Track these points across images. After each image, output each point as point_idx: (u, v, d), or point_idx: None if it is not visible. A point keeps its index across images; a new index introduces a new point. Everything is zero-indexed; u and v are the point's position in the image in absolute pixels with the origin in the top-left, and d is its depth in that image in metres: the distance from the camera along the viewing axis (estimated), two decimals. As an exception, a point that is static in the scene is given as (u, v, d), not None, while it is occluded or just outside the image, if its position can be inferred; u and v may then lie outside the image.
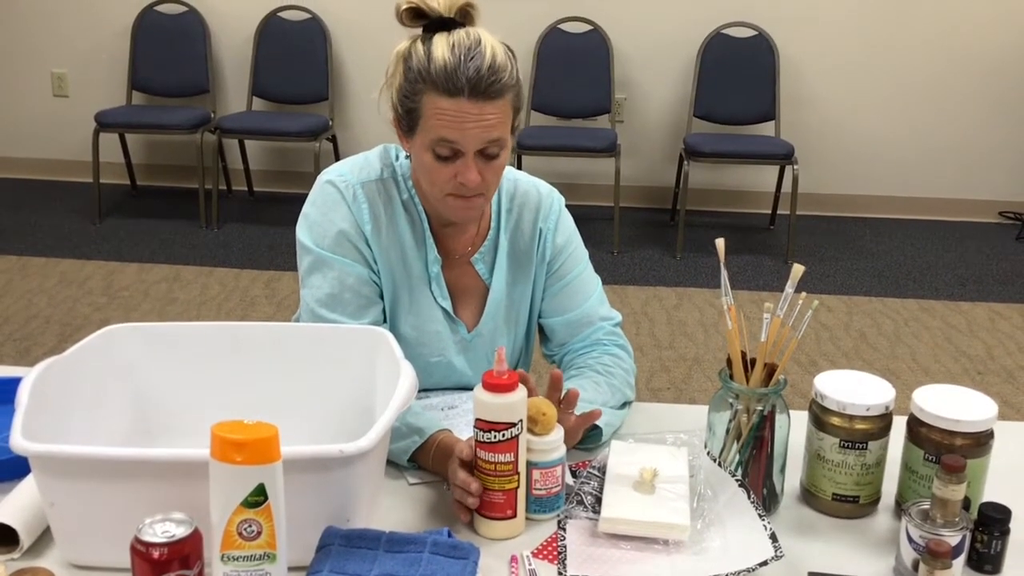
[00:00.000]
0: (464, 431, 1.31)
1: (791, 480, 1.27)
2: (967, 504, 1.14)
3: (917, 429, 1.19)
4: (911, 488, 1.20)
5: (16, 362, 3.11)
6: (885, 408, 1.19)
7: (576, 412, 1.28)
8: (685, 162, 4.44)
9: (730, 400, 1.21)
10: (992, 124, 4.85)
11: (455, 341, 1.50)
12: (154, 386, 1.30)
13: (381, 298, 1.45)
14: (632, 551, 1.13)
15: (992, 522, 1.10)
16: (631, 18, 4.76)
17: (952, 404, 1.18)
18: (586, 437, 1.34)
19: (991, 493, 1.18)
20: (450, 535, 1.09)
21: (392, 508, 1.21)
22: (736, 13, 4.67)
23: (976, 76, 4.78)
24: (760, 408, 1.19)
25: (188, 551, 0.92)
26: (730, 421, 1.22)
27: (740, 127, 4.71)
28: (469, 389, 1.50)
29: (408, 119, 1.33)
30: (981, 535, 1.10)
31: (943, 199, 4.98)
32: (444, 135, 1.28)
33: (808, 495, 1.25)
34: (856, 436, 1.19)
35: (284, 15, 4.86)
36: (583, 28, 4.72)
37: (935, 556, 1.02)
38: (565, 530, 1.17)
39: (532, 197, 1.51)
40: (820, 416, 1.22)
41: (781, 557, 1.08)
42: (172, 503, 0.95)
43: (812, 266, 4.24)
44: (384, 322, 1.45)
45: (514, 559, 1.11)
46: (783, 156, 4.36)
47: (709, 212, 4.94)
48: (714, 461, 1.22)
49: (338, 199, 1.41)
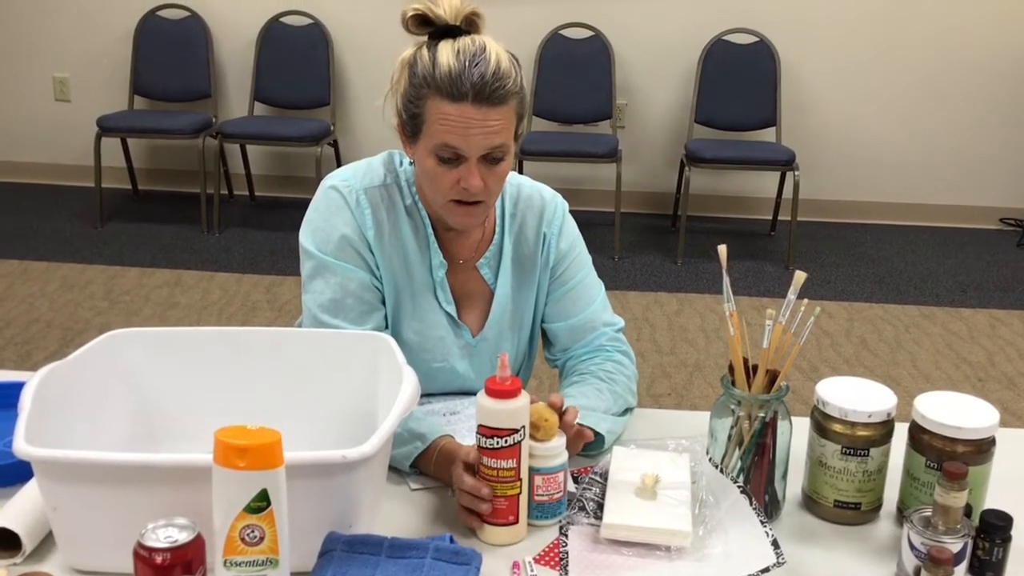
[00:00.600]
0: (466, 437, 1.31)
1: (793, 487, 1.27)
2: (969, 511, 1.14)
3: (919, 436, 1.19)
4: (913, 495, 1.20)
5: (17, 367, 3.11)
6: (887, 415, 1.19)
7: (579, 419, 1.28)
8: (686, 168, 4.44)
9: (732, 406, 1.22)
10: (993, 130, 4.85)
11: (459, 346, 1.50)
12: (156, 391, 1.30)
13: (383, 304, 1.45)
14: (634, 557, 1.13)
15: (994, 529, 1.10)
16: (632, 24, 4.76)
17: (954, 411, 1.18)
18: (588, 444, 1.34)
19: (993, 500, 1.18)
20: (452, 541, 1.10)
21: (394, 514, 1.21)
22: (737, 19, 4.68)
23: (976, 82, 4.78)
24: (762, 414, 1.20)
25: (191, 556, 0.92)
26: (732, 427, 1.22)
27: (741, 133, 4.71)
28: (472, 394, 1.50)
29: (412, 124, 1.33)
30: (983, 542, 1.10)
31: (944, 205, 4.98)
32: (447, 140, 1.29)
33: (810, 502, 1.25)
34: (858, 443, 1.19)
35: (286, 20, 4.87)
36: (584, 34, 4.73)
37: (937, 563, 1.02)
38: (567, 536, 1.17)
39: (536, 202, 1.52)
40: (822, 423, 1.22)
41: (783, 564, 1.08)
42: (175, 508, 0.95)
43: (813, 272, 4.24)
44: (386, 328, 1.45)
45: (516, 565, 1.12)
46: (784, 162, 4.36)
47: (710, 218, 4.94)
48: (716, 467, 1.22)
49: (341, 204, 1.41)
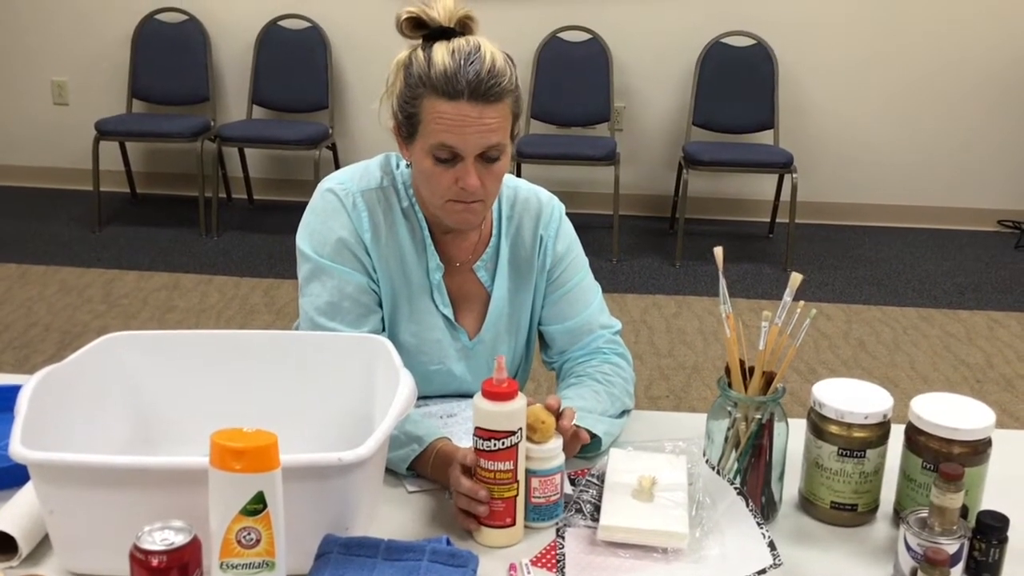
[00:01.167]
0: (463, 439, 1.31)
1: (789, 488, 1.27)
2: (965, 512, 1.14)
3: (915, 437, 1.19)
4: (909, 496, 1.20)
5: (15, 370, 3.11)
6: (883, 416, 1.20)
7: (576, 421, 1.28)
8: (684, 170, 4.44)
9: (728, 408, 1.22)
10: (990, 132, 4.86)
11: (456, 349, 1.50)
12: (153, 394, 1.30)
13: (380, 306, 1.45)
14: (631, 559, 1.13)
15: (990, 530, 1.10)
16: (630, 27, 4.77)
17: (950, 412, 1.18)
18: (585, 446, 1.34)
19: (989, 501, 1.18)
20: (449, 543, 1.10)
21: (391, 516, 1.22)
22: (735, 22, 4.69)
23: (974, 85, 4.79)
24: (758, 416, 1.20)
25: (187, 559, 0.92)
26: (728, 429, 1.22)
27: (739, 135, 4.72)
28: (469, 397, 1.50)
29: (408, 125, 1.33)
30: (979, 543, 1.10)
31: (942, 207, 4.99)
32: (444, 140, 1.29)
33: (806, 503, 1.25)
34: (854, 444, 1.19)
35: (284, 23, 4.87)
36: (582, 37, 4.73)
37: (933, 564, 1.02)
38: (564, 538, 1.17)
39: (533, 204, 1.52)
40: (818, 424, 1.22)
41: (779, 565, 1.08)
42: (171, 511, 0.95)
43: (811, 274, 4.24)
44: (383, 331, 1.45)
45: (513, 567, 1.12)
46: (782, 164, 4.37)
47: (708, 220, 4.95)
48: (713, 469, 1.22)
49: (338, 207, 1.41)
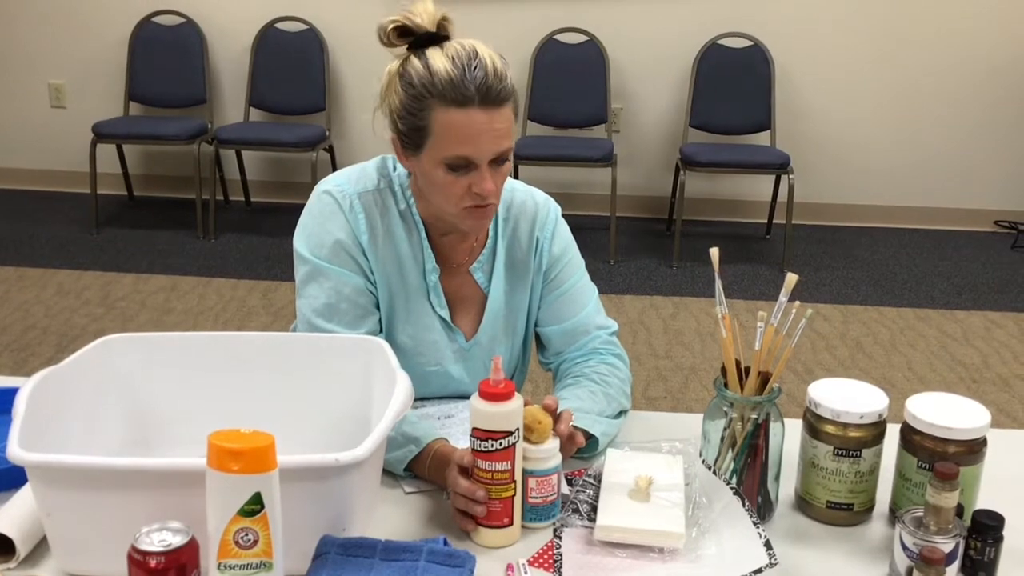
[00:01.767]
0: (460, 440, 1.31)
1: (786, 488, 1.28)
2: (960, 511, 1.15)
3: (911, 437, 1.20)
4: (905, 495, 1.21)
5: (13, 372, 3.11)
6: (879, 416, 1.20)
7: (573, 422, 1.28)
8: (681, 172, 4.45)
9: (725, 408, 1.22)
10: (987, 133, 4.86)
11: (453, 350, 1.50)
12: (151, 396, 1.31)
13: (378, 308, 1.45)
14: (628, 559, 1.13)
15: (986, 529, 1.10)
16: (627, 29, 4.78)
17: (945, 412, 1.18)
18: (582, 446, 1.35)
19: (985, 500, 1.18)
20: (446, 543, 1.10)
21: (388, 517, 1.22)
22: (731, 24, 4.70)
23: (971, 85, 4.80)
24: (755, 416, 1.20)
25: (185, 560, 0.92)
26: (725, 429, 1.22)
27: (736, 137, 4.72)
28: (466, 398, 1.50)
29: (415, 137, 1.31)
30: (975, 542, 1.11)
31: (938, 208, 5.00)
32: (460, 152, 1.28)
33: (802, 503, 1.25)
34: (850, 444, 1.20)
35: (281, 26, 4.88)
36: (579, 39, 4.74)
37: (929, 563, 1.03)
38: (561, 538, 1.17)
39: (529, 206, 1.52)
40: (814, 424, 1.22)
41: (776, 565, 1.08)
42: (169, 512, 0.95)
43: (808, 275, 4.25)
44: (380, 332, 1.45)
45: (510, 567, 1.12)
46: (779, 166, 4.37)
47: (705, 221, 4.95)
48: (709, 469, 1.22)
49: (335, 209, 1.41)
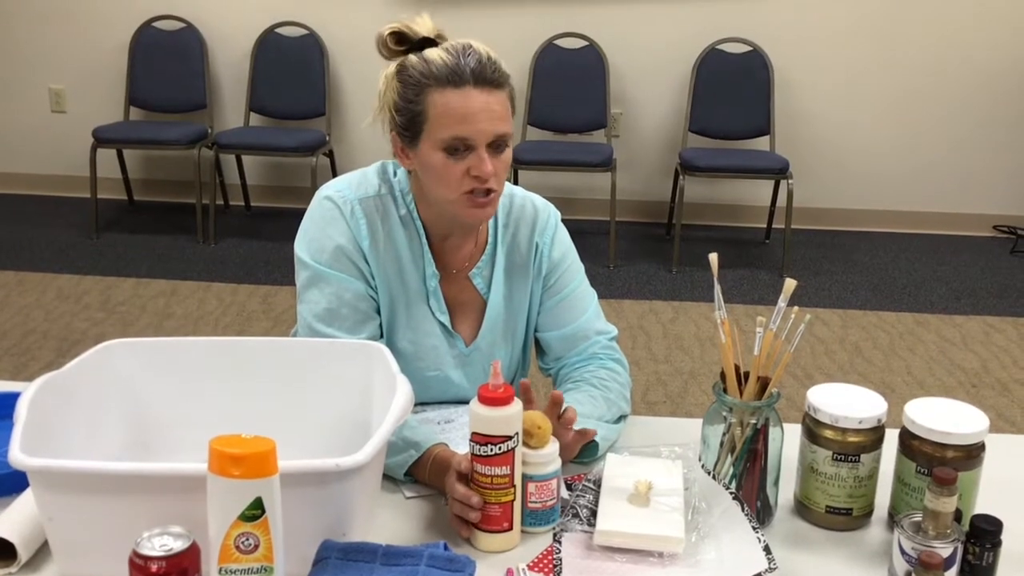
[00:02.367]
0: (460, 445, 1.32)
1: (785, 493, 1.28)
2: (959, 516, 1.15)
3: (909, 442, 1.20)
4: (903, 500, 1.21)
5: (13, 377, 3.11)
6: (877, 421, 1.20)
7: (574, 427, 1.29)
8: (681, 176, 4.46)
9: (724, 413, 1.22)
10: (986, 138, 4.87)
11: (453, 355, 1.50)
12: (152, 401, 1.31)
13: (378, 313, 1.46)
14: (627, 564, 1.13)
15: (984, 534, 1.10)
16: (627, 34, 4.78)
17: (944, 417, 1.19)
18: (582, 451, 1.35)
19: (983, 505, 1.18)
20: (446, 548, 1.10)
21: (388, 522, 1.22)
22: (731, 29, 4.70)
23: (970, 90, 4.81)
24: (754, 421, 1.20)
25: (186, 564, 0.93)
26: (724, 434, 1.23)
27: (735, 142, 4.73)
28: (466, 403, 1.50)
29: (412, 126, 1.33)
30: (973, 547, 1.11)
31: (938, 213, 5.00)
32: (456, 132, 1.30)
33: (801, 507, 1.26)
34: (849, 449, 1.20)
35: (282, 31, 4.89)
36: (579, 44, 4.75)
37: (927, 568, 1.03)
38: (560, 543, 1.17)
39: (528, 212, 1.52)
40: (813, 429, 1.22)
41: (775, 569, 1.08)
42: (170, 517, 0.95)
43: (807, 280, 4.25)
44: (381, 337, 1.46)
45: (510, 572, 1.12)
46: (778, 170, 4.38)
47: (705, 226, 4.96)
48: (708, 474, 1.23)
49: (336, 215, 1.42)
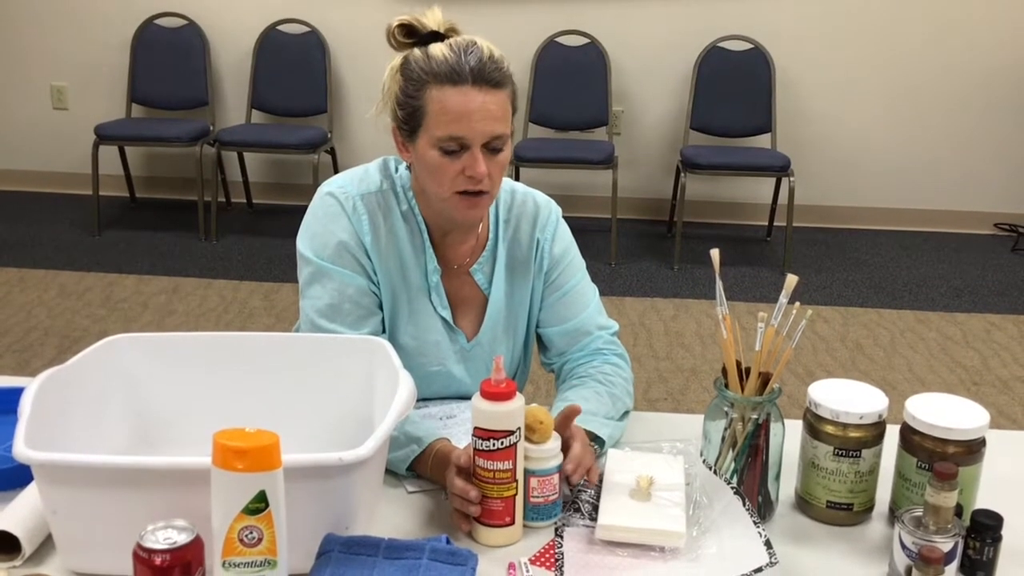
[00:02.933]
0: (462, 440, 1.32)
1: (786, 488, 1.29)
2: (960, 511, 1.15)
3: (910, 437, 1.20)
4: (904, 495, 1.21)
5: (15, 373, 3.11)
6: (878, 416, 1.21)
7: (578, 422, 1.29)
8: (682, 174, 4.45)
9: (725, 409, 1.23)
10: (988, 136, 4.87)
11: (455, 351, 1.51)
12: (154, 396, 1.31)
13: (381, 308, 1.46)
14: (629, 558, 1.14)
15: (984, 529, 1.11)
16: (628, 31, 4.78)
17: (945, 412, 1.19)
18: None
19: (984, 500, 1.19)
20: (448, 542, 1.11)
21: (391, 516, 1.23)
22: (732, 27, 4.70)
23: (971, 88, 4.80)
24: (755, 416, 1.21)
25: (190, 557, 0.93)
26: (725, 429, 1.23)
27: (737, 139, 4.73)
28: (468, 399, 1.51)
29: (411, 121, 1.34)
30: (974, 542, 1.11)
31: (939, 211, 5.00)
32: (451, 131, 1.30)
33: (803, 503, 1.26)
34: (850, 444, 1.20)
35: (283, 28, 4.89)
36: (580, 41, 4.75)
37: (928, 562, 1.03)
38: (562, 537, 1.18)
39: (529, 208, 1.53)
40: (814, 424, 1.23)
41: (776, 564, 1.09)
42: (174, 511, 0.96)
43: (808, 277, 4.26)
44: (383, 332, 1.46)
45: (512, 566, 1.12)
46: (780, 168, 4.38)
47: (706, 224, 4.96)
48: (710, 469, 1.23)
49: (338, 211, 1.42)
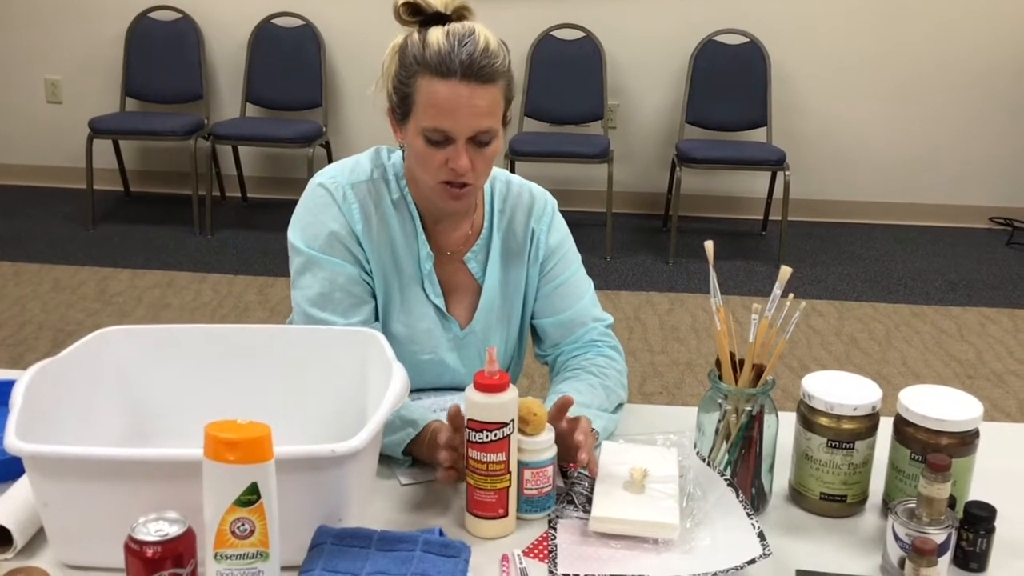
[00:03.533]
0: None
1: (779, 480, 1.28)
2: (953, 503, 1.16)
3: (903, 429, 1.20)
4: (898, 487, 1.21)
5: (9, 367, 3.10)
6: (872, 408, 1.21)
7: (571, 414, 1.29)
8: (677, 168, 4.45)
9: (719, 400, 1.23)
10: (983, 130, 4.87)
11: (448, 339, 1.51)
12: (147, 388, 1.31)
13: (373, 297, 1.46)
14: (622, 550, 1.14)
15: (978, 520, 1.11)
16: (624, 25, 4.78)
17: (938, 404, 1.19)
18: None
19: (977, 492, 1.19)
20: (442, 534, 1.11)
21: (384, 508, 1.22)
22: (728, 20, 4.70)
23: (966, 82, 4.81)
24: (749, 408, 1.21)
25: (181, 550, 0.93)
26: (719, 421, 1.23)
27: (732, 133, 4.73)
28: (462, 389, 1.51)
29: (402, 106, 1.35)
30: (967, 533, 1.11)
31: (934, 205, 5.01)
32: (436, 124, 1.30)
33: (796, 494, 1.26)
34: (843, 436, 1.20)
35: (278, 22, 4.87)
36: (576, 35, 4.74)
37: (921, 554, 1.03)
38: (556, 529, 1.18)
39: (525, 198, 1.53)
40: (808, 416, 1.23)
41: (769, 555, 1.09)
42: (165, 503, 0.96)
43: (803, 271, 4.26)
44: (376, 320, 1.46)
45: (505, 558, 1.12)
46: (775, 162, 4.38)
47: (701, 218, 4.96)
48: (703, 461, 1.23)
49: (329, 201, 1.42)
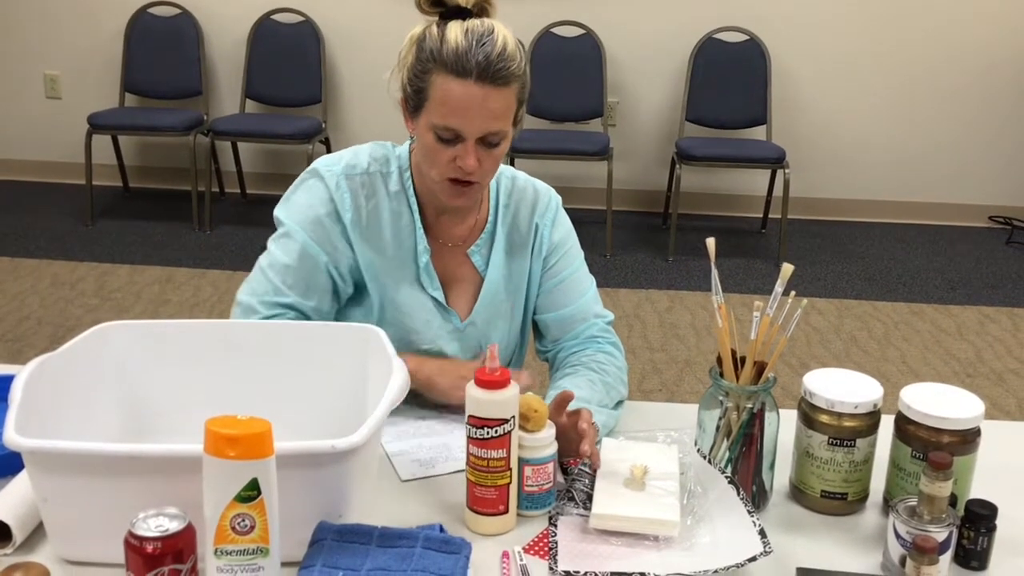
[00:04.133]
0: (462, 439, 1.31)
1: (780, 477, 1.28)
2: (954, 501, 1.16)
3: (905, 427, 1.20)
4: (899, 485, 1.21)
5: (8, 363, 3.10)
6: (873, 406, 1.20)
7: (570, 408, 1.29)
8: (677, 166, 4.45)
9: (720, 398, 1.22)
10: (982, 129, 4.87)
11: (447, 330, 1.51)
12: (146, 384, 1.31)
13: (336, 292, 1.47)
14: (622, 547, 1.13)
15: (979, 518, 1.11)
16: (624, 22, 4.77)
17: (939, 402, 1.19)
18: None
19: (978, 490, 1.19)
20: (442, 530, 1.10)
21: (384, 504, 1.22)
22: (728, 18, 4.70)
23: (967, 80, 4.81)
24: (750, 405, 1.20)
25: (181, 545, 0.93)
26: (720, 418, 1.23)
27: (732, 131, 4.73)
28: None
29: (415, 99, 1.35)
30: (968, 531, 1.11)
31: (934, 203, 5.01)
32: (448, 123, 1.31)
33: (797, 492, 1.26)
34: (844, 433, 1.20)
35: (277, 17, 4.87)
36: (576, 32, 4.74)
37: (922, 552, 1.03)
38: (556, 526, 1.18)
39: (529, 193, 1.54)
40: (809, 414, 1.23)
41: (770, 553, 1.09)
42: (165, 498, 0.95)
43: (803, 269, 4.26)
44: (329, 311, 1.47)
45: (505, 554, 1.12)
46: (775, 160, 4.38)
47: (701, 216, 4.96)
48: (704, 458, 1.23)
49: (321, 187, 1.45)
